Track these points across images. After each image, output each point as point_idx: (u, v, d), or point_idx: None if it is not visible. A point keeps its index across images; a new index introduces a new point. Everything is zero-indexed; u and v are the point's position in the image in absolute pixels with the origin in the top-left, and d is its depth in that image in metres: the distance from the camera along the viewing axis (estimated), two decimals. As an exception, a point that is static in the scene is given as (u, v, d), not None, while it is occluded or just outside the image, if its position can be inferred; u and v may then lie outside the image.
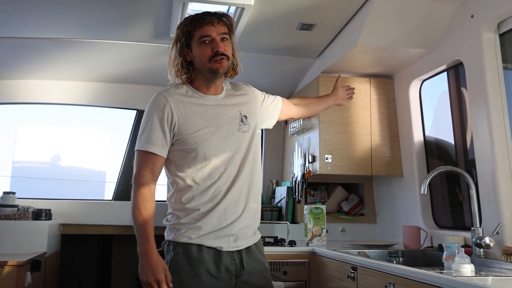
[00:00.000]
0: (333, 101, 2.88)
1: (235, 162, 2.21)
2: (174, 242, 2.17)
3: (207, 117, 2.20)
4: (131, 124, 4.76)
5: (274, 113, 2.56)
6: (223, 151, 2.18)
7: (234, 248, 2.18)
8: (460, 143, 3.51)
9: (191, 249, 2.14)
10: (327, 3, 3.20)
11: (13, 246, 3.75)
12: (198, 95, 2.25)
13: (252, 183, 2.26)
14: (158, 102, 2.18)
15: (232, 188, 2.19)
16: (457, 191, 3.59)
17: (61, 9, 3.27)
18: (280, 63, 4.19)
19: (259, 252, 2.29)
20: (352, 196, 4.41)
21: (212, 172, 2.16)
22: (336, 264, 3.16)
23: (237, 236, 2.19)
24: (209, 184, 2.16)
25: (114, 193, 4.71)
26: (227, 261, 2.16)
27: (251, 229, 2.26)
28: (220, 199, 2.16)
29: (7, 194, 4.10)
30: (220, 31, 2.20)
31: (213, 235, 2.15)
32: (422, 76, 3.73)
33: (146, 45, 3.81)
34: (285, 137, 4.82)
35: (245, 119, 2.28)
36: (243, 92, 2.41)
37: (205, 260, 2.13)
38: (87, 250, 5.17)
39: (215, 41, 2.18)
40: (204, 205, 2.15)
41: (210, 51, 2.18)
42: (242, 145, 2.24)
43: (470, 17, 3.08)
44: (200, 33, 2.19)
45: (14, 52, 3.89)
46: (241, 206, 2.20)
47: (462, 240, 3.12)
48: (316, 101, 2.83)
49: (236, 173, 2.21)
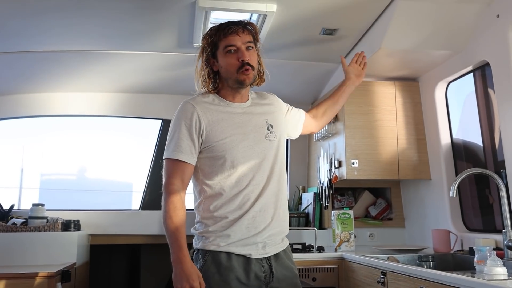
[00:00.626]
0: (351, 85, 2.81)
1: (263, 170, 2.21)
2: (203, 250, 2.17)
3: (234, 125, 2.20)
4: (157, 133, 4.79)
5: (298, 125, 2.58)
6: (250, 159, 2.19)
7: (263, 255, 2.18)
8: (488, 145, 3.46)
9: (220, 256, 2.14)
10: (350, 7, 3.19)
11: (43, 257, 3.79)
12: (224, 103, 2.26)
13: (280, 191, 2.26)
14: (186, 110, 2.19)
15: (261, 196, 2.18)
16: (487, 193, 3.53)
17: (86, 21, 3.30)
18: (304, 69, 4.18)
19: (288, 258, 2.29)
20: (379, 200, 4.37)
21: (240, 180, 2.16)
22: (365, 269, 3.13)
23: (265, 243, 2.19)
24: (237, 192, 2.16)
25: (141, 203, 4.73)
26: (256, 268, 2.15)
27: (279, 236, 2.26)
28: (248, 207, 2.16)
29: (36, 206, 4.14)
30: (245, 40, 2.21)
31: (242, 243, 2.15)
32: (448, 78, 3.68)
33: (169, 54, 3.83)
34: (310, 142, 4.80)
35: (271, 127, 2.29)
36: (269, 101, 2.41)
37: (234, 268, 2.13)
38: (115, 260, 5.21)
39: (240, 50, 2.19)
40: (232, 213, 2.15)
41: (236, 61, 2.18)
42: (269, 153, 2.24)
43: (496, 17, 3.04)
44: (225, 43, 2.20)
45: (40, 65, 3.95)
46: (269, 214, 2.20)
47: (494, 243, 3.07)
48: (332, 101, 2.76)
49: (265, 181, 2.21)
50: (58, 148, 5.12)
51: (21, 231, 3.90)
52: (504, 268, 2.22)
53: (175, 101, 2.35)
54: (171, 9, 3.16)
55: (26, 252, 3.79)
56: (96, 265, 4.74)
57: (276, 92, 2.55)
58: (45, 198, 5.08)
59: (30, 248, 3.80)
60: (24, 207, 4.46)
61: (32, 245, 3.81)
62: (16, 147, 4.98)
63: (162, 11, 3.18)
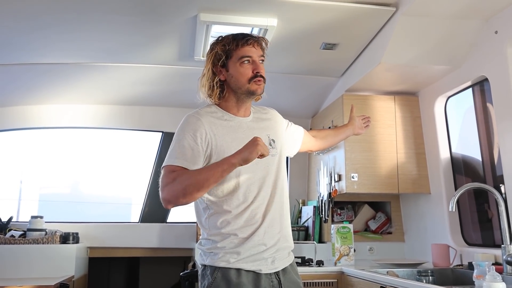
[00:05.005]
0: (351, 131, 2.84)
1: (268, 185, 2.20)
2: (211, 267, 2.13)
3: (238, 139, 2.15)
4: (157, 146, 4.80)
5: (297, 142, 2.55)
6: (255, 174, 2.17)
7: (272, 270, 2.15)
8: (487, 159, 3.47)
9: (230, 273, 2.09)
10: (350, 22, 3.21)
11: (41, 269, 3.79)
12: (228, 117, 2.23)
13: (283, 206, 2.25)
14: (191, 122, 2.14)
15: (268, 211, 2.16)
16: (486, 207, 3.54)
17: (87, 34, 3.33)
18: (304, 83, 4.20)
19: (295, 273, 2.27)
20: (379, 214, 4.37)
21: (246, 196, 2.14)
22: (365, 284, 3.12)
23: (274, 258, 2.16)
24: (243, 208, 2.13)
25: (140, 215, 4.73)
26: (266, 283, 2.12)
27: (286, 251, 2.24)
28: (257, 223, 2.13)
29: (35, 218, 4.14)
30: (259, 53, 2.21)
31: (252, 258, 2.12)
32: (447, 92, 3.70)
33: (170, 67, 3.85)
34: (310, 156, 4.81)
35: (273, 142, 2.27)
36: (270, 116, 2.39)
37: (244, 284, 2.08)
38: (114, 273, 5.19)
39: (255, 62, 2.18)
40: (240, 230, 2.12)
41: (251, 72, 2.17)
42: (272, 169, 2.23)
43: (494, 33, 3.07)
44: (241, 53, 2.17)
45: (42, 77, 3.97)
46: (276, 229, 2.18)
47: (493, 258, 3.07)
48: (333, 133, 2.79)
49: (269, 196, 2.19)
50: (58, 160, 5.12)
51: (20, 243, 3.89)
52: (503, 283, 2.21)
53: (176, 114, 2.34)
54: (172, 22, 3.18)
55: (24, 265, 3.78)
56: (95, 278, 4.73)
57: (275, 106, 2.55)
58: (44, 210, 5.06)
59: (28, 261, 3.79)
60: (23, 219, 4.46)
61: (30, 258, 3.80)
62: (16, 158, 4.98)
63: (163, 24, 3.20)
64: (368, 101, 3.98)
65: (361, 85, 3.86)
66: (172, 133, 2.21)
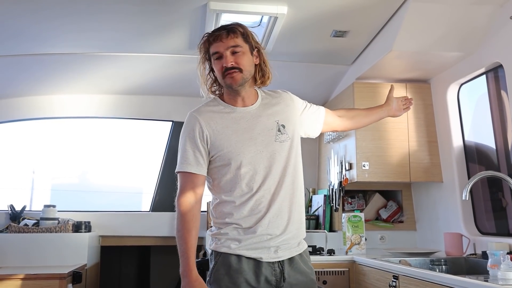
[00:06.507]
0: (386, 112, 2.76)
1: (274, 174, 2.18)
2: (215, 252, 2.18)
3: (240, 130, 2.18)
4: (167, 135, 4.80)
5: (317, 123, 2.49)
6: (259, 164, 2.16)
7: (274, 259, 2.15)
8: (501, 147, 3.43)
9: (230, 259, 2.13)
10: (361, 9, 3.17)
11: (54, 258, 3.82)
12: (229, 109, 2.25)
13: (294, 194, 2.22)
14: (189, 123, 2.23)
15: (273, 201, 2.16)
16: (500, 196, 3.50)
17: (97, 24, 3.32)
18: (314, 71, 4.17)
19: (304, 263, 2.24)
20: (390, 203, 4.35)
21: (250, 186, 2.14)
22: (377, 273, 3.11)
23: (278, 247, 2.16)
24: (247, 198, 2.14)
25: (151, 204, 4.74)
26: (267, 271, 2.13)
27: (295, 240, 2.22)
28: (261, 212, 2.14)
29: (48, 207, 4.17)
30: (228, 44, 2.18)
31: (253, 246, 2.13)
32: (460, 79, 3.66)
33: (180, 56, 3.84)
34: (320, 144, 4.78)
35: (282, 128, 2.25)
36: (279, 100, 2.36)
37: (244, 270, 2.12)
38: (126, 261, 5.22)
39: (223, 56, 2.19)
40: (244, 220, 2.14)
41: (221, 67, 2.19)
42: (280, 156, 2.21)
43: (509, 18, 3.02)
44: (212, 51, 2.23)
45: (52, 68, 3.98)
46: (284, 219, 2.17)
47: (507, 247, 3.04)
48: (364, 113, 2.71)
49: (276, 185, 2.18)
50: (69, 149, 5.14)
51: (33, 232, 3.93)
52: (518, 272, 2.19)
53: (186, 103, 2.36)
54: (182, 11, 3.16)
55: (37, 253, 3.82)
56: (107, 266, 4.76)
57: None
58: (56, 200, 5.09)
59: (42, 249, 3.83)
60: (36, 208, 4.49)
61: (43, 246, 3.84)
62: (28, 148, 5.00)
63: (173, 13, 3.19)
64: (379, 89, 3.95)
65: (372, 73, 3.83)
66: (182, 122, 2.30)
